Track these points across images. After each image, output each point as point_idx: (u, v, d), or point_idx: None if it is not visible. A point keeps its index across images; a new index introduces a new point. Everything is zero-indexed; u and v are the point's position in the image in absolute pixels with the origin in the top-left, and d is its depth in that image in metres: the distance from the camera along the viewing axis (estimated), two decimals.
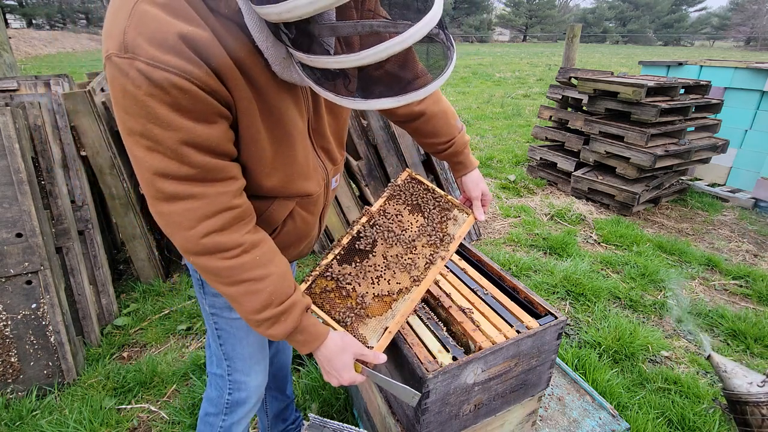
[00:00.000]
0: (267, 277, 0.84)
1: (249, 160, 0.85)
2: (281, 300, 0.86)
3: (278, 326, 0.86)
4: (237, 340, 1.10)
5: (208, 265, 0.81)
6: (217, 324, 1.09)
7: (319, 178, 1.01)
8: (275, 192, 0.93)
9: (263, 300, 0.84)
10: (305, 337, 0.90)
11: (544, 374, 1.22)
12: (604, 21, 57.34)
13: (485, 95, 9.86)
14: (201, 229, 0.77)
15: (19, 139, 1.72)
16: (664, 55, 26.17)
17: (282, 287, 0.86)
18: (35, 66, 13.16)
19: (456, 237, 1.12)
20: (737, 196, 4.03)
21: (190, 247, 0.78)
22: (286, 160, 0.91)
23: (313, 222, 1.06)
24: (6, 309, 1.74)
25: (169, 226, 0.78)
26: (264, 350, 1.17)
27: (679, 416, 1.78)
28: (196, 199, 0.76)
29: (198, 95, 0.70)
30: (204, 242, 0.78)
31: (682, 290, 2.68)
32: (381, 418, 1.33)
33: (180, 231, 0.77)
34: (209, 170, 0.76)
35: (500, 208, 3.84)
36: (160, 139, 0.71)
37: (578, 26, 6.56)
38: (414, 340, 1.07)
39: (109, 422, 1.72)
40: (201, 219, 0.77)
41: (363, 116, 2.86)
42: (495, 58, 21.98)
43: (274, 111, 0.83)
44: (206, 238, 0.77)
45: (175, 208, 0.76)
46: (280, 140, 0.87)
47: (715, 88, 4.17)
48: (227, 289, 0.84)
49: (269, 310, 0.85)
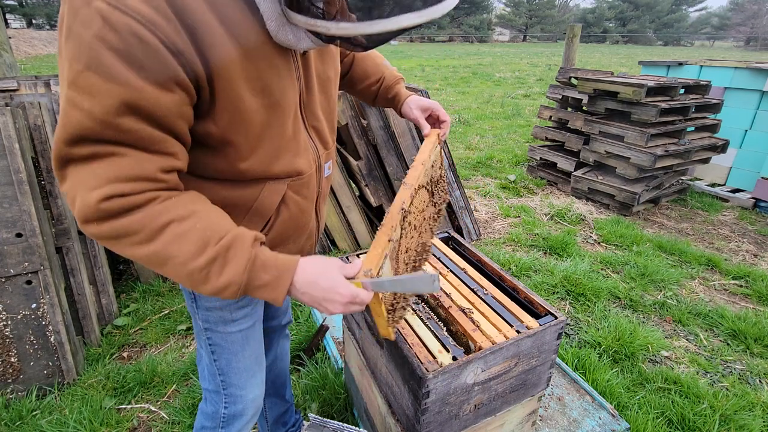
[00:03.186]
0: (193, 214, 0.70)
1: (232, 132, 0.76)
2: (220, 234, 0.70)
3: (230, 267, 0.69)
4: (232, 355, 1.04)
5: (114, 229, 0.65)
6: (211, 339, 1.03)
7: (310, 158, 0.94)
8: (263, 171, 0.84)
9: (197, 238, 0.68)
10: (273, 274, 0.72)
11: (544, 374, 1.22)
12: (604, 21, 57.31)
13: (485, 95, 9.86)
14: (106, 190, 0.63)
15: (19, 139, 1.72)
16: (664, 55, 26.17)
17: (217, 222, 0.71)
18: (35, 66, 13.16)
19: (416, 160, 1.06)
20: (737, 196, 4.03)
21: (88, 214, 0.64)
22: (274, 132, 0.82)
23: (309, 209, 0.98)
24: (6, 309, 1.74)
25: (72, 189, 0.64)
26: (260, 362, 1.12)
27: (679, 416, 1.78)
28: (117, 158, 0.64)
29: (159, 51, 0.61)
30: (104, 206, 0.63)
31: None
32: (381, 418, 1.33)
33: (81, 192, 0.63)
34: (142, 139, 0.64)
35: (500, 208, 3.84)
36: (96, 91, 0.60)
37: (578, 26, 6.56)
38: (414, 340, 1.07)
39: (109, 422, 1.72)
40: (111, 180, 0.63)
41: (363, 116, 2.86)
42: (495, 58, 21.98)
43: (263, 76, 0.75)
44: (109, 201, 0.63)
45: (88, 169, 0.64)
46: (268, 109, 0.78)
47: (715, 88, 4.17)
48: (147, 248, 0.67)
49: (210, 249, 0.68)
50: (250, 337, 1.06)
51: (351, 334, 1.52)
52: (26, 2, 34.54)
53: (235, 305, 1.01)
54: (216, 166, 0.81)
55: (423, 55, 22.80)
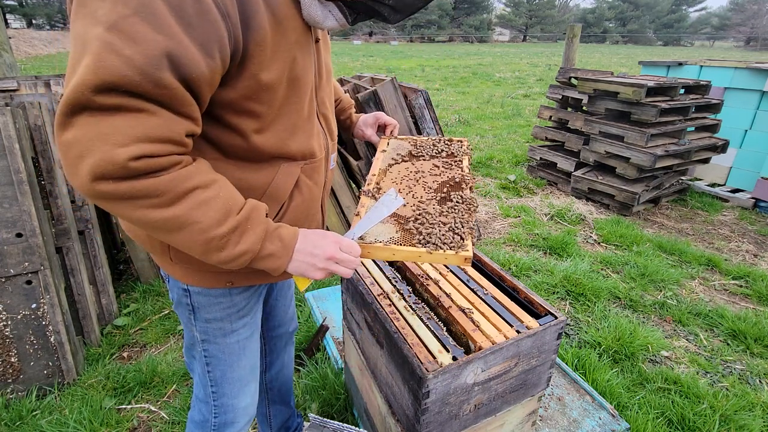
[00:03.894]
0: (215, 182, 0.71)
1: (255, 101, 0.75)
2: (240, 204, 0.73)
3: (248, 236, 0.72)
4: (227, 366, 1.03)
5: (134, 189, 0.62)
6: (207, 351, 1.01)
7: (321, 143, 0.96)
8: (278, 148, 0.84)
9: (221, 207, 0.69)
10: (281, 243, 0.77)
11: (544, 374, 1.22)
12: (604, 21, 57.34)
13: (485, 95, 9.86)
14: (135, 149, 0.60)
15: (19, 139, 1.72)
16: (664, 55, 26.17)
17: (234, 193, 0.74)
18: (35, 66, 13.16)
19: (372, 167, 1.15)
20: (737, 196, 4.03)
21: (109, 171, 0.59)
22: (292, 108, 0.83)
23: (318, 197, 0.99)
24: (6, 309, 1.74)
25: (86, 141, 0.58)
26: (255, 371, 1.11)
27: (679, 416, 1.78)
28: (146, 115, 0.61)
29: (210, 12, 0.61)
30: (132, 165, 0.60)
31: None
32: (381, 418, 1.33)
33: (102, 147, 0.58)
34: (176, 99, 0.63)
35: (500, 208, 3.84)
36: (141, 39, 0.57)
37: (578, 26, 6.56)
38: (414, 340, 1.07)
39: (109, 422, 1.72)
40: (141, 139, 0.60)
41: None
42: (495, 58, 21.98)
43: (290, 49, 0.76)
44: (138, 161, 0.60)
45: (109, 122, 0.59)
46: (291, 83, 0.80)
47: (715, 88, 4.17)
48: (166, 212, 0.65)
49: (232, 218, 0.70)
50: (247, 347, 1.05)
51: (351, 334, 1.52)
52: (26, 2, 34.54)
53: (237, 314, 1.00)
54: (231, 141, 0.79)
55: (423, 55, 22.80)
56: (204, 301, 0.96)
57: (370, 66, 16.10)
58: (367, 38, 43.85)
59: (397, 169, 1.15)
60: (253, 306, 1.04)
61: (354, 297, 1.39)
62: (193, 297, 0.96)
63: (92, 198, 0.63)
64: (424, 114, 2.86)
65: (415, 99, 2.81)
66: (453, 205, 0.99)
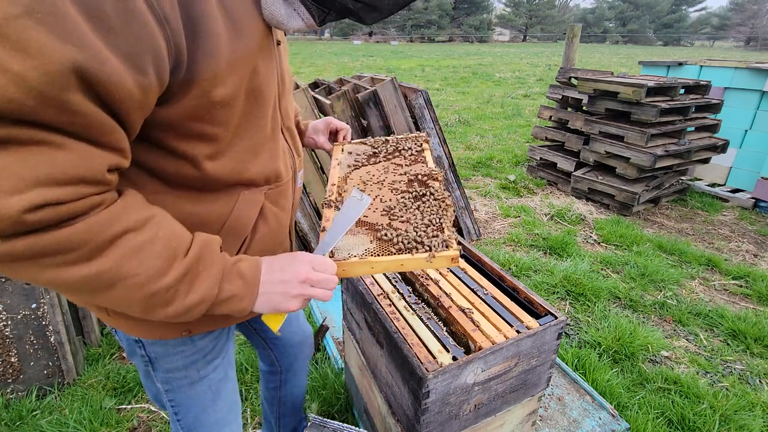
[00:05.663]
0: (150, 220, 0.55)
1: (207, 121, 0.61)
2: (186, 245, 0.58)
3: (201, 281, 0.58)
4: (200, 410, 0.89)
5: (36, 245, 0.46)
6: (173, 400, 0.88)
7: (287, 162, 0.83)
8: (237, 174, 0.70)
9: (162, 251, 0.55)
10: (243, 281, 0.63)
11: (544, 374, 1.22)
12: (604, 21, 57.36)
13: (485, 95, 9.86)
14: (33, 196, 0.44)
15: None
16: (664, 55, 26.18)
17: (177, 230, 0.59)
18: None
19: (330, 177, 1.06)
20: (737, 196, 4.03)
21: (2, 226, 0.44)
22: (253, 124, 0.70)
23: (286, 223, 0.86)
24: (6, 309, 1.74)
25: None
26: (236, 410, 0.98)
27: (679, 416, 1.78)
28: (48, 150, 0.45)
29: (138, 13, 0.46)
30: (30, 218, 0.44)
31: None
32: (381, 418, 1.33)
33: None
34: (91, 126, 0.47)
35: (500, 208, 3.84)
36: (37, 49, 0.41)
37: (578, 26, 6.55)
38: (414, 340, 1.07)
39: (109, 422, 1.72)
40: (43, 181, 0.44)
41: (363, 116, 2.86)
42: (495, 58, 21.99)
43: (251, 57, 0.64)
44: (38, 212, 0.45)
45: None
46: (250, 95, 0.67)
47: (715, 88, 4.18)
48: (86, 268, 0.49)
49: (179, 263, 0.56)
50: (222, 388, 0.92)
51: (351, 334, 1.52)
52: None
53: (203, 360, 0.86)
54: (178, 170, 0.64)
55: (423, 55, 22.80)
56: (162, 351, 0.81)
57: (370, 66, 16.11)
58: (367, 38, 43.87)
59: (358, 174, 1.05)
60: (224, 345, 0.90)
61: (354, 297, 1.39)
62: (147, 348, 0.81)
63: None
64: (424, 114, 2.86)
65: (415, 99, 2.81)
66: (427, 202, 0.90)
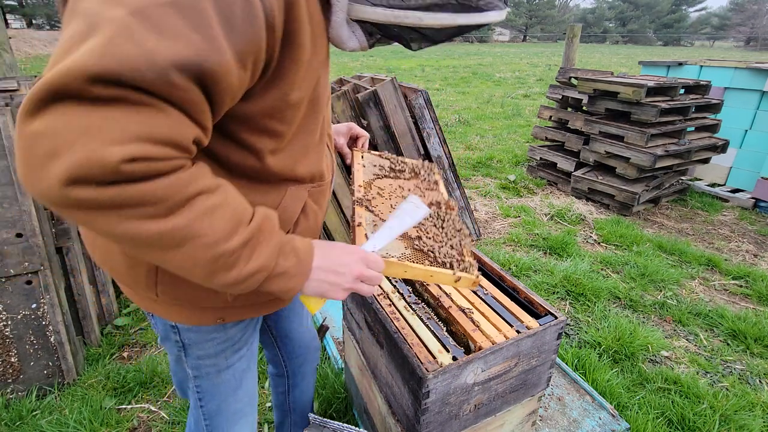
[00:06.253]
0: (220, 187, 0.59)
1: (277, 119, 0.68)
2: (249, 214, 0.62)
3: (262, 250, 0.61)
4: (222, 399, 0.96)
5: (122, 195, 0.49)
6: (200, 387, 0.94)
7: (329, 164, 0.90)
8: (289, 170, 0.76)
9: (230, 215, 0.58)
10: (297, 259, 0.66)
11: (544, 374, 1.22)
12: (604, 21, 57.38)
13: (485, 95, 9.86)
14: (132, 149, 0.48)
15: None
16: (664, 55, 26.18)
17: (242, 199, 0.63)
18: (35, 66, 13.16)
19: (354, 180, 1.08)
20: (737, 196, 4.03)
21: (93, 172, 0.47)
22: (307, 128, 0.76)
23: (321, 220, 0.92)
24: (6, 309, 1.74)
25: (63, 135, 0.46)
26: (253, 402, 1.04)
27: (679, 416, 1.78)
28: (151, 111, 0.49)
29: (257, 19, 0.54)
30: (125, 168, 0.48)
31: None
32: (381, 418, 1.33)
33: (88, 142, 0.46)
34: (191, 102, 0.52)
35: (500, 208, 3.84)
36: (172, 34, 0.48)
37: (578, 26, 6.56)
38: (414, 340, 1.07)
39: (109, 422, 1.72)
40: (142, 137, 0.48)
41: (363, 116, 2.86)
42: (495, 58, 21.98)
43: (318, 68, 0.70)
44: (133, 164, 0.48)
45: (102, 114, 0.47)
46: (311, 103, 0.74)
47: (715, 88, 4.18)
48: (163, 223, 0.53)
49: (243, 228, 0.59)
50: (245, 378, 0.98)
51: (351, 334, 1.52)
52: (26, 2, 34.55)
53: (232, 349, 0.92)
54: (243, 161, 0.71)
55: (423, 55, 22.79)
56: (195, 338, 0.88)
57: (370, 66, 16.11)
58: None
59: (381, 184, 1.07)
60: (249, 337, 0.97)
61: (354, 297, 1.38)
62: (182, 334, 0.87)
63: (59, 207, 0.49)
64: (424, 114, 2.86)
65: (415, 99, 2.81)
66: (447, 228, 0.95)
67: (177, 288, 0.77)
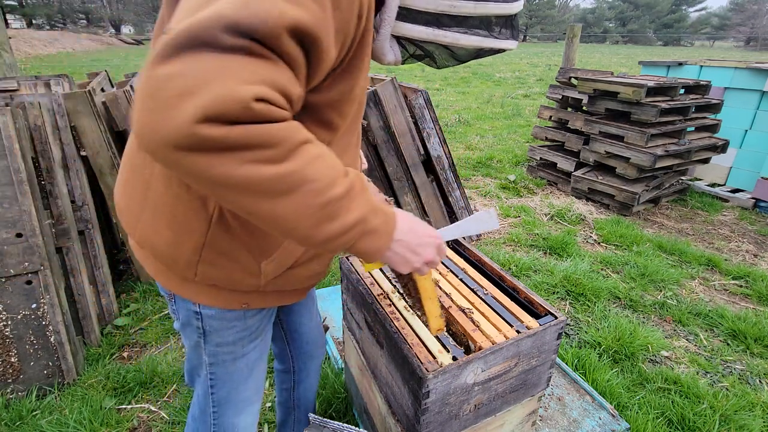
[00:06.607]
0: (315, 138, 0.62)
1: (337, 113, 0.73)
2: (343, 167, 0.64)
3: (359, 201, 0.63)
4: (233, 387, 0.99)
5: (246, 136, 0.52)
6: (214, 374, 0.96)
7: (358, 167, 0.96)
8: None
9: (331, 164, 0.60)
10: (385, 218, 0.68)
11: (544, 374, 1.22)
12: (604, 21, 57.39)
13: (485, 95, 9.86)
14: (261, 90, 0.51)
15: (19, 139, 1.72)
16: (664, 55, 26.18)
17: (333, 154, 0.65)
18: (35, 66, 13.16)
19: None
20: (737, 196, 4.03)
21: (227, 109, 0.49)
22: (353, 127, 0.82)
23: None
24: (6, 309, 1.74)
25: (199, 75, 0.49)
26: (260, 391, 1.07)
27: (679, 416, 1.78)
28: (272, 64, 0.53)
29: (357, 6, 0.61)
30: (255, 107, 0.51)
31: None
32: (381, 418, 1.33)
33: (223, 82, 0.49)
34: (300, 66, 0.57)
35: (500, 208, 3.84)
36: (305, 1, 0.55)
37: (578, 26, 6.56)
38: (414, 340, 1.07)
39: (109, 422, 1.72)
40: (267, 82, 0.52)
41: (363, 116, 2.85)
42: (495, 58, 21.97)
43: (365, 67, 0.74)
44: (260, 104, 0.51)
45: (233, 59, 0.50)
46: (360, 102, 0.79)
47: (715, 88, 4.17)
48: (278, 167, 0.54)
49: (342, 179, 0.61)
50: (256, 368, 1.02)
51: (351, 334, 1.52)
52: (26, 2, 34.53)
53: (249, 338, 0.96)
54: None
55: None
56: (217, 325, 0.91)
57: (370, 66, 16.09)
58: None
59: None
60: (265, 327, 1.00)
61: (354, 297, 1.38)
62: (205, 320, 0.90)
63: (183, 149, 0.50)
64: (424, 114, 2.86)
65: (415, 99, 2.81)
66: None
67: (218, 268, 0.80)
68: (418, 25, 0.77)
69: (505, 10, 0.79)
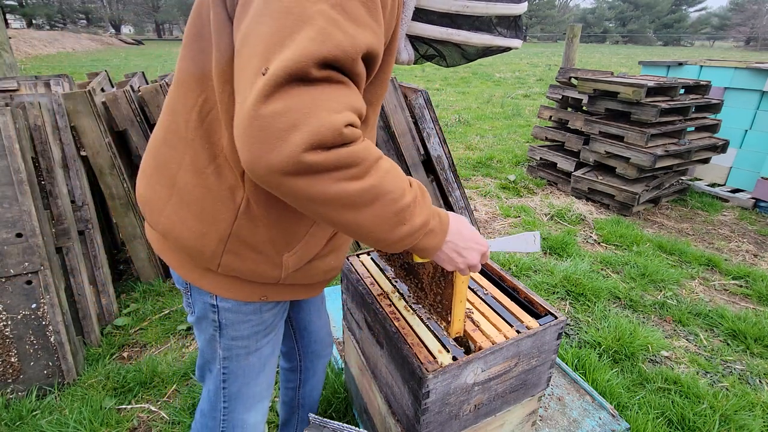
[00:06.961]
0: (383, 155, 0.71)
1: (371, 108, 0.79)
2: (407, 178, 0.73)
3: (423, 206, 0.72)
4: (245, 382, 1.00)
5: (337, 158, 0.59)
6: (227, 368, 0.98)
7: None
8: None
9: (400, 176, 0.69)
10: (440, 220, 0.77)
11: (544, 374, 1.22)
12: (604, 21, 57.39)
13: (485, 95, 9.86)
14: (348, 116, 0.59)
15: (19, 139, 1.72)
16: (664, 55, 26.18)
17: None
18: (35, 66, 13.16)
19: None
20: (737, 196, 4.03)
21: (326, 137, 0.57)
22: (370, 133, 0.86)
23: None
24: (6, 309, 1.74)
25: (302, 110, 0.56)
26: (270, 387, 1.08)
27: (679, 416, 1.78)
28: (347, 88, 0.61)
29: (395, 8, 0.68)
30: (345, 132, 0.58)
31: None
32: (381, 418, 1.33)
33: (321, 114, 0.56)
34: (361, 82, 0.64)
35: (500, 208, 3.84)
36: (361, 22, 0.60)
37: (578, 26, 6.56)
38: (414, 340, 1.07)
39: (109, 422, 1.72)
40: (348, 107, 0.60)
41: None
42: (495, 58, 21.96)
43: (392, 62, 0.78)
44: (347, 129, 0.59)
45: (321, 90, 0.57)
46: (379, 104, 0.85)
47: (715, 88, 4.18)
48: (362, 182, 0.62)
49: (409, 188, 0.70)
50: (268, 363, 1.03)
51: (351, 334, 1.52)
52: (26, 2, 34.52)
53: (263, 332, 0.97)
54: None
55: None
56: (233, 318, 0.92)
57: None
58: None
59: None
60: (278, 322, 1.02)
61: (354, 297, 1.38)
62: (221, 313, 0.92)
63: (290, 174, 0.58)
64: (424, 114, 2.86)
65: (415, 99, 2.81)
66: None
67: (241, 258, 0.83)
68: (432, 25, 0.81)
69: (513, 10, 0.84)
